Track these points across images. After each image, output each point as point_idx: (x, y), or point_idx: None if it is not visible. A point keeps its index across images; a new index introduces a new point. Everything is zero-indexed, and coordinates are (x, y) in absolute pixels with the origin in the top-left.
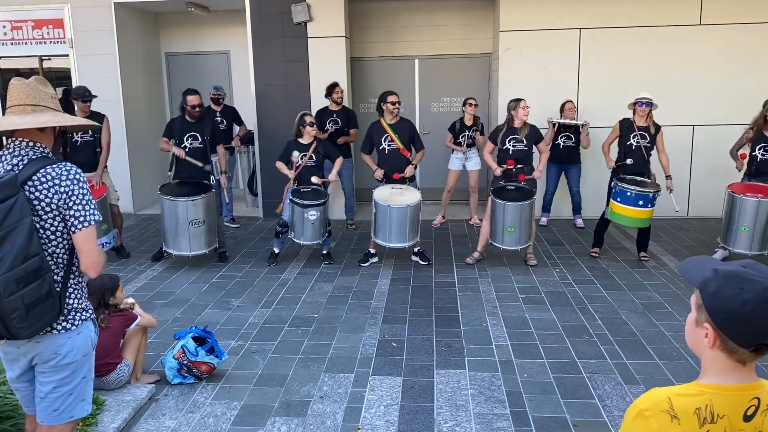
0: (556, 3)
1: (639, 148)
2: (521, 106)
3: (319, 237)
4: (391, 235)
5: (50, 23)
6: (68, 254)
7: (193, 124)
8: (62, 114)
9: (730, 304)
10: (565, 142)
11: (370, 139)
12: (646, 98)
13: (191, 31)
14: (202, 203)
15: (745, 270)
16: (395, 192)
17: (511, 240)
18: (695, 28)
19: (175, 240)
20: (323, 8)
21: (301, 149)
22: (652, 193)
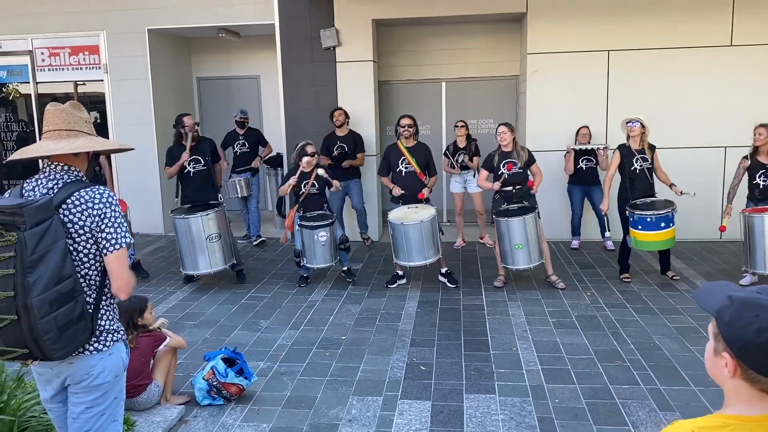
0: (584, 25)
1: (643, 171)
2: (498, 132)
3: (330, 259)
4: (411, 253)
5: (86, 50)
6: (100, 276)
7: (192, 148)
8: (96, 138)
9: (746, 332)
10: (587, 164)
11: (387, 161)
12: (635, 118)
13: (222, 56)
14: (215, 217)
15: (760, 296)
16: (410, 211)
17: (522, 258)
18: (726, 48)
19: (194, 259)
20: (351, 33)
21: (303, 176)
22: (671, 212)
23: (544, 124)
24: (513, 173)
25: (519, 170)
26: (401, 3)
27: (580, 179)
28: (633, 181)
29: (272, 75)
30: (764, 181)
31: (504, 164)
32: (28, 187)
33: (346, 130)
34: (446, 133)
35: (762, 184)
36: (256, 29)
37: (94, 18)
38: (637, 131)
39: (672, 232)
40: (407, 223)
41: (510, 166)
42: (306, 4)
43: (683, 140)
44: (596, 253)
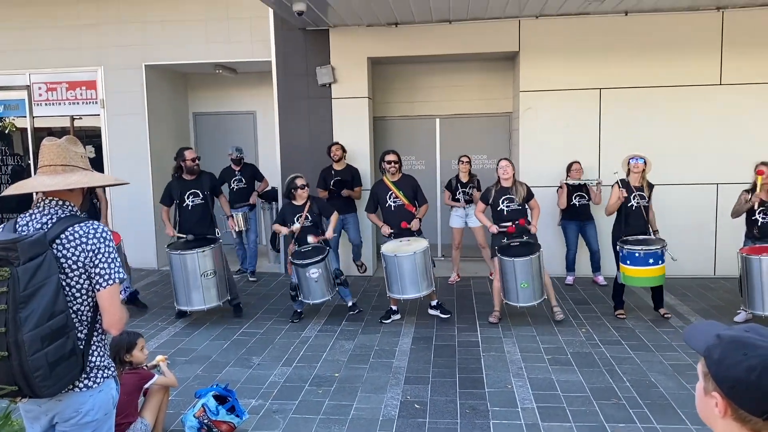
0: (576, 64)
1: (639, 208)
2: (499, 166)
3: (326, 294)
4: (404, 286)
5: (84, 85)
6: (92, 312)
7: (191, 182)
8: (91, 173)
9: (736, 370)
10: (579, 201)
11: (374, 198)
12: (639, 155)
13: (219, 92)
14: (211, 254)
15: (748, 335)
16: (403, 244)
17: (526, 296)
18: (716, 87)
19: (188, 295)
20: (347, 71)
21: (296, 211)
22: (660, 249)
23: (537, 160)
24: (512, 210)
25: (517, 207)
26: (396, 41)
27: (574, 215)
28: (628, 218)
29: (268, 111)
30: (764, 218)
31: (502, 200)
32: (21, 222)
33: (344, 165)
34: (440, 169)
35: (761, 221)
36: (252, 66)
37: (92, 54)
38: (640, 168)
39: (661, 269)
40: (401, 255)
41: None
42: (302, 42)
43: (675, 177)
44: (590, 289)
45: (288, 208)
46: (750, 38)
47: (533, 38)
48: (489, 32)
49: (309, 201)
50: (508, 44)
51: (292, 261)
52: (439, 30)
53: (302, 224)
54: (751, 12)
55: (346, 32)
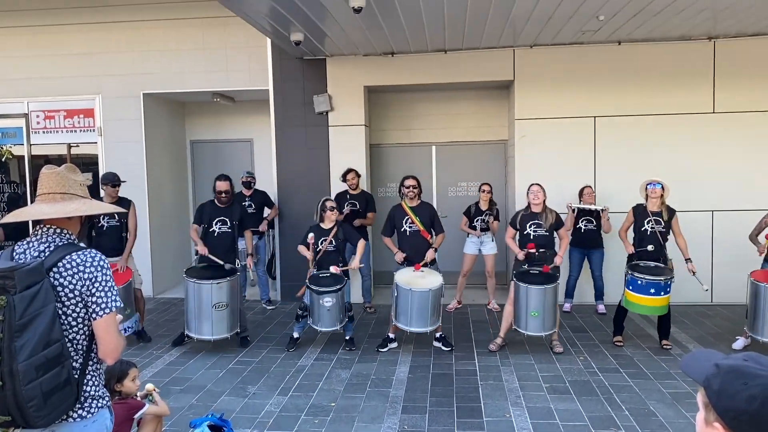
0: (570, 92)
1: (654, 233)
2: (530, 191)
3: (336, 323)
4: (412, 319)
5: (81, 113)
6: (88, 341)
7: (222, 209)
8: (89, 201)
9: (737, 401)
10: (586, 226)
11: (391, 222)
12: (657, 180)
13: (216, 119)
14: (226, 286)
15: (747, 364)
16: (417, 275)
17: (535, 326)
18: (709, 116)
19: (198, 324)
20: (344, 99)
21: (322, 234)
22: (663, 281)
23: None
24: (538, 235)
25: (545, 233)
26: (392, 70)
27: (580, 241)
28: (642, 242)
29: (265, 138)
30: None
31: (530, 225)
32: (19, 250)
33: (359, 189)
34: (437, 196)
35: None
36: (250, 94)
37: (90, 82)
38: (657, 193)
39: (663, 300)
40: (416, 289)
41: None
42: (300, 71)
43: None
44: (588, 317)
45: (315, 231)
46: (742, 67)
47: (528, 67)
48: (484, 61)
49: (336, 225)
50: (503, 73)
51: (308, 285)
52: (434, 59)
53: (326, 248)
54: (743, 42)
55: (343, 61)
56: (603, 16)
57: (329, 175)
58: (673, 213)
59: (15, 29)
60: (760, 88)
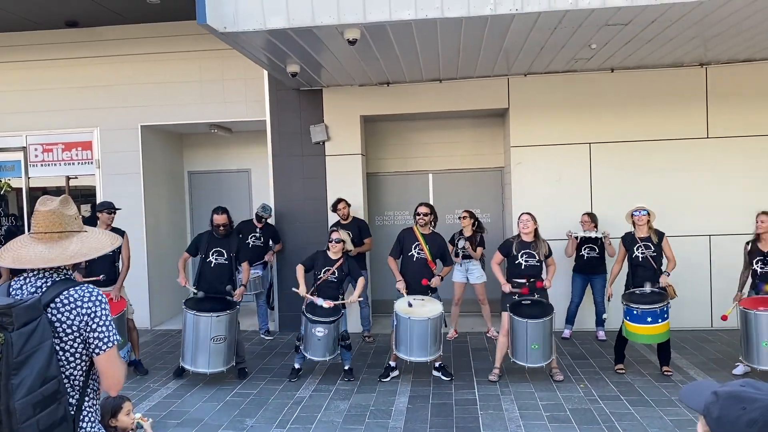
0: (564, 119)
1: (646, 259)
2: (520, 220)
3: (326, 354)
4: (412, 348)
5: (79, 145)
6: (84, 376)
7: (219, 240)
8: (88, 240)
9: (737, 426)
10: (589, 253)
11: (400, 244)
12: (641, 207)
13: (214, 150)
14: (225, 319)
15: (744, 389)
16: (416, 303)
17: (536, 357)
18: (703, 141)
19: (195, 356)
20: (340, 128)
21: (328, 263)
22: (659, 308)
23: None
24: (530, 265)
25: (536, 263)
26: (388, 100)
27: (582, 268)
28: (636, 269)
29: (263, 168)
30: (761, 268)
31: (522, 255)
32: (15, 286)
33: (350, 218)
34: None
35: (759, 271)
36: (247, 125)
37: (88, 115)
38: (643, 220)
39: (662, 327)
40: (415, 318)
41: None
42: (296, 101)
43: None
44: (588, 343)
45: (321, 257)
46: (734, 93)
47: (522, 95)
48: (479, 90)
49: (343, 258)
50: (497, 101)
51: (304, 312)
52: (429, 88)
53: (327, 278)
54: (734, 68)
55: (339, 92)
56: (595, 44)
57: (326, 205)
58: (662, 236)
59: (13, 64)
60: (753, 112)
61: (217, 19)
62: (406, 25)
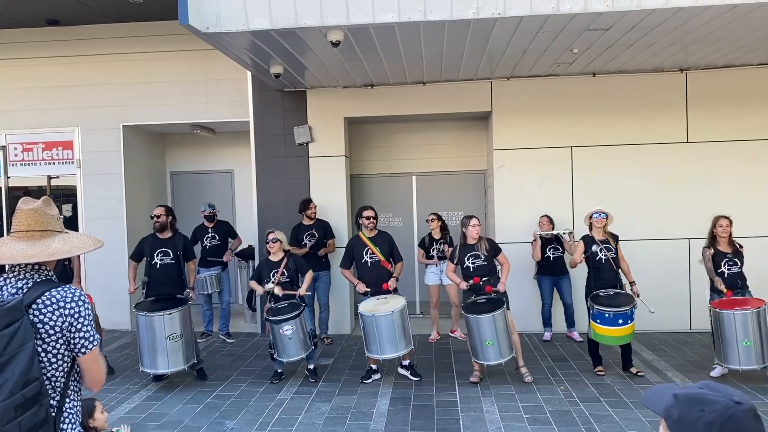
0: (547, 123)
1: (608, 261)
2: (471, 224)
3: (301, 351)
4: (382, 346)
5: (60, 145)
6: (65, 377)
7: (164, 241)
8: (69, 239)
9: (696, 428)
10: (554, 254)
11: (350, 254)
12: (601, 210)
13: (196, 151)
14: (178, 316)
15: (702, 391)
16: (380, 302)
17: (493, 354)
18: (683, 145)
19: (153, 358)
20: (324, 130)
21: (273, 266)
22: (629, 310)
23: (512, 216)
24: (477, 266)
25: (483, 263)
26: (372, 102)
27: (548, 269)
28: (598, 271)
29: (246, 169)
30: (729, 269)
31: (468, 258)
32: None
33: (314, 219)
34: (417, 225)
35: (727, 273)
36: (230, 126)
37: (69, 114)
38: (602, 222)
39: (630, 328)
40: (378, 314)
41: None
42: (280, 103)
43: (647, 232)
44: (568, 345)
45: (264, 265)
46: (713, 98)
47: (505, 99)
48: (462, 93)
49: (285, 257)
50: (480, 105)
51: (267, 318)
52: (413, 91)
53: (278, 280)
54: (714, 73)
55: (323, 93)
56: (577, 49)
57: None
58: (616, 238)
59: None
60: (732, 117)
61: (199, 20)
62: (389, 28)
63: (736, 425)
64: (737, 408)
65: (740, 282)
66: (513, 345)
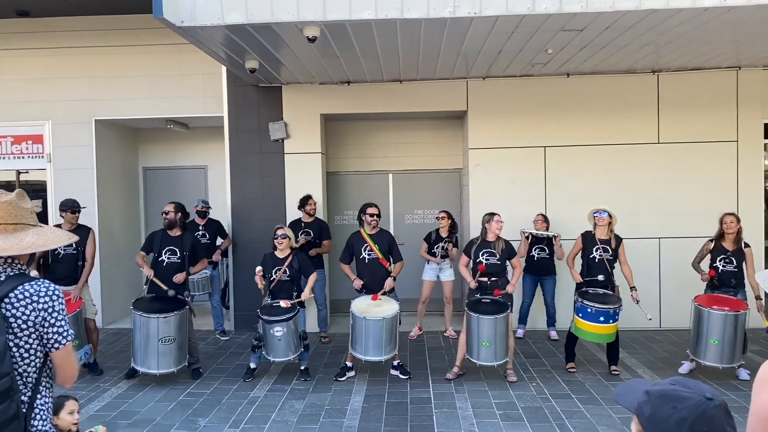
0: (521, 123)
1: (602, 261)
2: (495, 220)
3: (289, 353)
4: (368, 347)
5: (30, 139)
6: (37, 373)
7: (173, 239)
8: (43, 233)
9: (668, 424)
10: (539, 254)
11: (350, 249)
12: (603, 208)
13: (170, 146)
14: (174, 320)
15: (674, 388)
16: (373, 303)
17: (487, 355)
18: (654, 145)
19: (144, 357)
20: (300, 126)
21: (276, 263)
22: (612, 309)
23: None
24: (491, 263)
25: (497, 261)
26: (348, 99)
27: (532, 269)
28: (590, 269)
29: (220, 165)
30: (724, 266)
31: (483, 254)
32: None
33: (313, 218)
34: (393, 223)
35: (721, 269)
36: (204, 121)
37: (39, 108)
38: (605, 221)
39: (611, 328)
40: (370, 317)
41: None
42: (255, 98)
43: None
44: (541, 343)
45: (269, 259)
46: (684, 100)
47: (480, 98)
48: (438, 92)
49: (291, 255)
50: (456, 104)
51: (260, 315)
52: (390, 89)
53: (279, 278)
54: (685, 75)
55: (299, 89)
56: (551, 49)
57: (285, 203)
58: (620, 241)
59: None
60: (702, 119)
61: (174, 13)
62: (366, 25)
63: (708, 421)
64: (709, 404)
65: (733, 281)
66: (508, 349)
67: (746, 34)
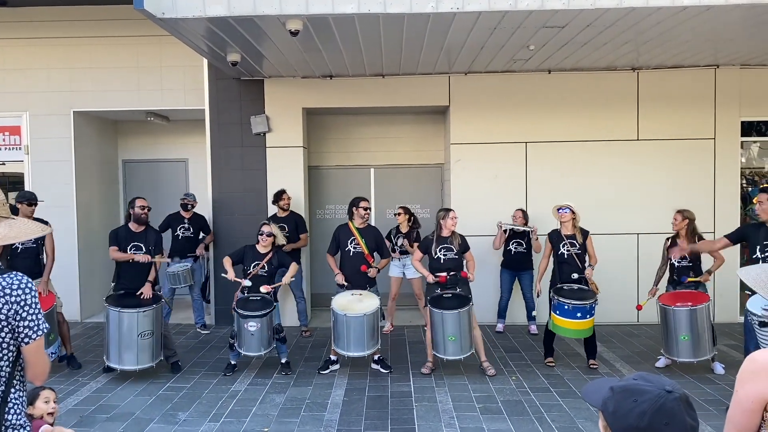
0: (503, 118)
1: (571, 256)
2: (450, 216)
3: (261, 348)
4: (349, 343)
5: (7, 130)
6: (11, 367)
7: (137, 234)
8: (16, 225)
9: (630, 418)
10: (516, 248)
11: (336, 241)
12: (566, 204)
13: (150, 139)
14: (152, 314)
15: (636, 382)
16: (354, 299)
17: (454, 349)
18: (634, 142)
19: (121, 353)
20: (282, 120)
21: (257, 257)
22: (589, 305)
23: (467, 210)
24: (448, 258)
25: (454, 256)
26: (331, 93)
27: (510, 263)
28: (561, 266)
29: (201, 158)
30: (679, 262)
31: (440, 249)
32: None
33: (288, 212)
34: (375, 218)
35: (677, 264)
36: (185, 114)
37: (17, 99)
38: (567, 217)
39: (588, 323)
40: (350, 314)
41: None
42: (237, 91)
43: (598, 227)
44: (521, 337)
45: (249, 252)
46: (663, 97)
47: (462, 93)
48: (420, 87)
49: (272, 252)
50: (438, 99)
51: (235, 309)
52: (372, 83)
53: (257, 272)
54: (663, 73)
55: (281, 83)
56: (533, 46)
57: (266, 197)
58: (586, 234)
59: None
60: (680, 116)
61: (155, 4)
62: (348, 19)
63: (667, 413)
64: (668, 397)
65: (692, 274)
66: (473, 340)
67: (724, 34)
